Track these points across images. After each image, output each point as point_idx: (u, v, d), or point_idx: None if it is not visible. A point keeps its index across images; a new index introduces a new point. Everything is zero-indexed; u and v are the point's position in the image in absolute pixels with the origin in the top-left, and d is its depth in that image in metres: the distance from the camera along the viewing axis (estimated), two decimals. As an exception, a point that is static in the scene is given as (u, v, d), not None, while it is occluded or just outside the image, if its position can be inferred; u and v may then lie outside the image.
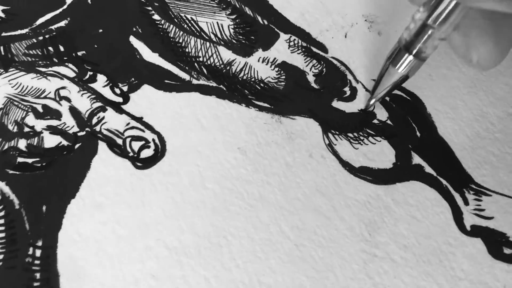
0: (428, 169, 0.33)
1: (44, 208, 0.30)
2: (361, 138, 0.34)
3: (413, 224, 0.31)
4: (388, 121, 0.34)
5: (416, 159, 0.33)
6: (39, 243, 0.29)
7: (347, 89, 0.35)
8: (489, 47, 0.27)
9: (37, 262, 0.29)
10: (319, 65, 0.36)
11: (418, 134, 0.34)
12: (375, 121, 0.34)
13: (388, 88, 0.32)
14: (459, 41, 0.28)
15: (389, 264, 0.30)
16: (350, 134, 0.34)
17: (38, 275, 0.28)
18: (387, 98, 0.35)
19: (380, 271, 0.29)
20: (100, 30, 0.36)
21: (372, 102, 0.33)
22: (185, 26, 0.36)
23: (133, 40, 0.36)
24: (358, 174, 0.32)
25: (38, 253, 0.29)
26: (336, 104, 0.35)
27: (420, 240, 0.30)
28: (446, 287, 0.29)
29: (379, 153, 0.33)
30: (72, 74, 0.34)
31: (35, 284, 0.28)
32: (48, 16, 0.36)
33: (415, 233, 0.31)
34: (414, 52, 0.30)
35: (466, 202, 0.32)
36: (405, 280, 0.29)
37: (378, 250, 0.30)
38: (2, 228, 0.29)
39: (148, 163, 0.32)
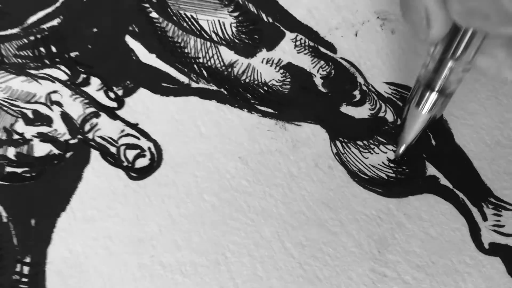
0: (444, 181, 0.30)
1: (33, 221, 0.29)
2: (372, 146, 0.31)
3: (427, 241, 0.29)
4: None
5: (431, 170, 0.31)
6: (27, 259, 0.28)
7: (357, 92, 0.33)
8: None
9: (24, 279, 0.27)
10: (327, 67, 0.33)
11: (433, 142, 0.31)
12: (387, 127, 0.32)
13: (416, 133, 0.29)
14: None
15: (400, 285, 0.28)
16: (359, 142, 0.31)
17: (25, 294, 0.27)
18: (400, 103, 0.32)
19: (390, 293, 0.27)
20: (95, 30, 0.34)
21: (401, 151, 0.30)
22: (185, 24, 0.34)
23: (129, 40, 0.34)
24: (368, 186, 0.30)
25: (26, 270, 0.27)
26: (345, 109, 0.32)
27: (434, 259, 0.28)
28: (462, 311, 0.27)
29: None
30: (64, 77, 0.33)
31: (22, 304, 0.27)
32: (40, 14, 0.34)
33: (429, 251, 0.28)
34: (437, 88, 0.27)
35: (485, 218, 0.29)
36: (417, 303, 0.27)
37: (388, 270, 0.28)
38: (-11, 243, 0.28)
39: (143, 173, 0.30)
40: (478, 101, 0.32)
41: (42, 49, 0.33)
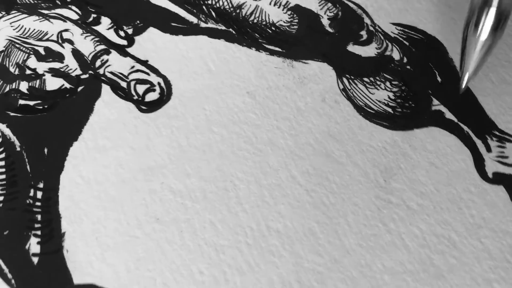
0: (449, 115, 0.31)
1: (46, 150, 0.29)
2: (378, 83, 0.32)
3: (431, 171, 0.29)
4: (408, 66, 0.32)
5: (436, 105, 0.31)
6: (40, 185, 0.28)
7: (363, 32, 0.33)
8: None
9: (38, 203, 0.28)
10: (334, 9, 0.34)
11: (439, 79, 0.32)
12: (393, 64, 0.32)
13: (478, 59, 0.27)
14: None
15: (404, 211, 0.28)
16: (366, 79, 0.32)
17: (39, 217, 0.27)
18: (407, 43, 0.33)
19: (395, 217, 0.28)
20: (105, -28, 0.34)
21: (465, 82, 0.28)
22: (194, -32, 0.35)
23: (139, -18, 0.34)
24: (374, 120, 0.31)
25: (39, 194, 0.28)
26: (352, 48, 0.33)
27: (438, 187, 0.29)
28: (465, 234, 0.27)
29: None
30: (75, 17, 0.33)
31: (36, 225, 0.27)
32: (52, -43, 0.35)
33: (433, 180, 0.29)
34: (496, 3, 0.25)
35: (489, 149, 0.30)
36: (421, 227, 0.28)
37: (393, 197, 0.28)
38: (3, 170, 0.28)
39: (153, 106, 0.31)
40: (483, 40, 0.33)
41: (53, -10, 0.34)
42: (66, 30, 0.33)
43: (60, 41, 0.32)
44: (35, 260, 0.26)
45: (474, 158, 0.30)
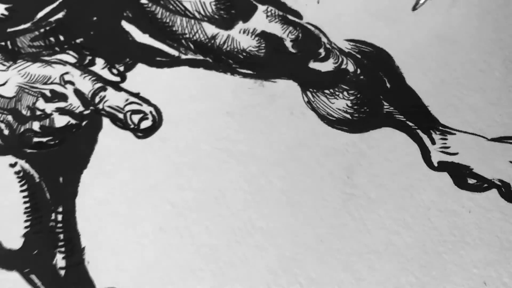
0: (398, 116, 0.36)
1: (61, 179, 0.35)
2: (337, 93, 0.37)
3: (386, 165, 0.35)
4: (361, 76, 0.38)
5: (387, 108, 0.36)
6: (60, 209, 0.34)
7: (321, 50, 0.39)
8: None
9: (59, 225, 0.33)
10: (295, 31, 0.39)
11: (388, 85, 0.37)
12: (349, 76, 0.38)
13: None
14: None
15: (366, 201, 0.34)
16: (326, 91, 0.37)
17: (61, 236, 0.33)
18: (359, 56, 0.38)
19: (358, 207, 0.33)
20: (95, 18, 0.40)
21: (422, 1, 0.30)
22: (171, 6, 0.40)
23: (124, 24, 0.39)
24: (336, 126, 0.36)
25: (59, 217, 0.33)
26: (312, 65, 0.38)
27: (393, 178, 0.34)
28: (417, 216, 0.33)
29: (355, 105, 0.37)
30: (73, 60, 0.38)
31: (60, 243, 0.33)
32: (47, 9, 0.40)
33: (388, 173, 0.34)
34: None
35: (433, 142, 0.35)
36: (381, 213, 0.33)
37: (356, 190, 0.34)
38: (27, 199, 0.34)
39: (147, 132, 0.36)
40: (424, 48, 0.38)
41: (51, 38, 0.39)
42: (67, 73, 0.38)
43: (62, 83, 0.38)
44: (62, 272, 0.32)
45: (422, 151, 0.35)
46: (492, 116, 0.36)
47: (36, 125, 0.36)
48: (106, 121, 0.36)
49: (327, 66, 0.38)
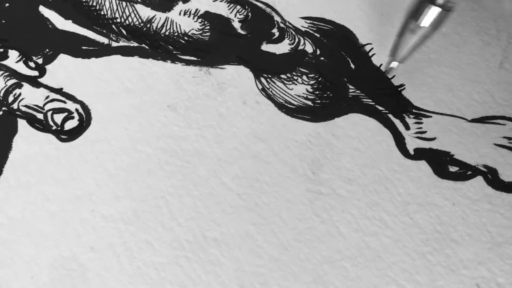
0: (366, 100, 0.32)
1: (-34, 196, 0.28)
2: (295, 78, 0.32)
3: (356, 156, 0.30)
4: (321, 58, 0.33)
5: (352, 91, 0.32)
6: (-35, 233, 0.27)
7: (275, 30, 0.34)
8: None
9: (-35, 252, 0.27)
10: (244, 10, 0.34)
11: (352, 66, 0.33)
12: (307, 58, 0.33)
13: (412, 47, 0.29)
14: None
15: (335, 200, 0.29)
16: (283, 76, 0.32)
17: (-33, 266, 0.26)
18: (317, 35, 0.34)
19: (327, 207, 0.28)
20: (7, 4, 0.33)
21: (393, 65, 0.30)
22: (98, -12, 0.34)
23: (43, 9, 0.33)
24: (296, 115, 0.31)
25: (-35, 243, 0.27)
26: (266, 47, 0.33)
27: (364, 171, 0.30)
28: (395, 213, 0.28)
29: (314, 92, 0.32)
30: (-20, 54, 0.32)
31: (-35, 275, 0.26)
32: None
33: (359, 165, 0.30)
34: (439, 1, 0.27)
35: (407, 127, 0.31)
36: (353, 212, 0.28)
37: (323, 187, 0.29)
38: None
39: (73, 134, 0.30)
40: (389, 23, 0.34)
41: (-47, 29, 0.32)
42: (-28, 69, 0.32)
43: (-33, 81, 0.31)
44: (-31, 311, 0.25)
45: (395, 137, 0.31)
46: (471, 94, 0.32)
47: None
48: (22, 123, 0.30)
49: (282, 48, 0.33)
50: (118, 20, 0.33)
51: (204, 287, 0.26)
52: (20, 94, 0.31)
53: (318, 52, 0.33)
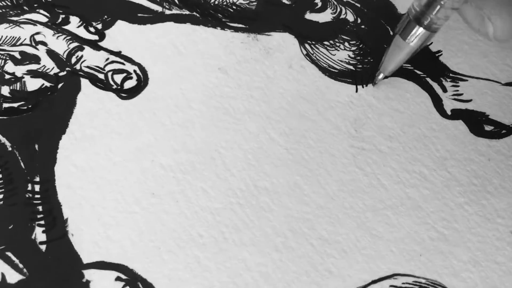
0: (405, 65, 0.34)
1: (36, 146, 0.31)
2: (337, 44, 0.34)
3: (396, 116, 0.32)
4: (362, 26, 0.35)
5: (392, 57, 0.34)
6: (37, 179, 0.30)
7: (318, 1, 0.36)
8: (504, 18, 0.25)
9: (37, 196, 0.29)
10: (288, -18, 0.36)
11: (391, 33, 0.35)
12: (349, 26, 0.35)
13: (398, 62, 0.31)
14: (472, 13, 0.26)
15: (377, 155, 0.31)
16: (326, 42, 0.34)
17: (40, 208, 0.29)
18: (358, 5, 0.36)
19: (369, 161, 0.30)
20: (67, -25, 0.36)
21: (380, 77, 0.32)
22: (151, -40, 0.37)
23: (101, -21, 0.36)
24: (339, 78, 0.33)
25: (37, 187, 0.29)
26: (309, 16, 0.35)
27: (404, 129, 0.31)
28: (433, 167, 0.30)
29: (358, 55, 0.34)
30: (44, 20, 0.34)
31: (39, 216, 0.29)
32: (12, -34, 0.36)
33: (399, 124, 0.32)
34: (425, 23, 0.28)
35: (445, 90, 0.33)
36: (394, 166, 0.30)
37: (365, 144, 0.31)
38: (-2, 170, 0.30)
39: (132, 93, 0.32)
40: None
41: (19, -3, 0.35)
42: (38, 33, 0.34)
43: (33, 44, 0.34)
44: (43, 247, 0.28)
45: (433, 99, 0.32)
46: (504, 59, 0.33)
47: (5, 90, 0.32)
48: (84, 82, 0.33)
49: (325, 17, 0.35)
50: (171, -10, 0.36)
51: (257, 230, 0.28)
52: (82, 56, 0.33)
53: (359, 20, 0.35)
